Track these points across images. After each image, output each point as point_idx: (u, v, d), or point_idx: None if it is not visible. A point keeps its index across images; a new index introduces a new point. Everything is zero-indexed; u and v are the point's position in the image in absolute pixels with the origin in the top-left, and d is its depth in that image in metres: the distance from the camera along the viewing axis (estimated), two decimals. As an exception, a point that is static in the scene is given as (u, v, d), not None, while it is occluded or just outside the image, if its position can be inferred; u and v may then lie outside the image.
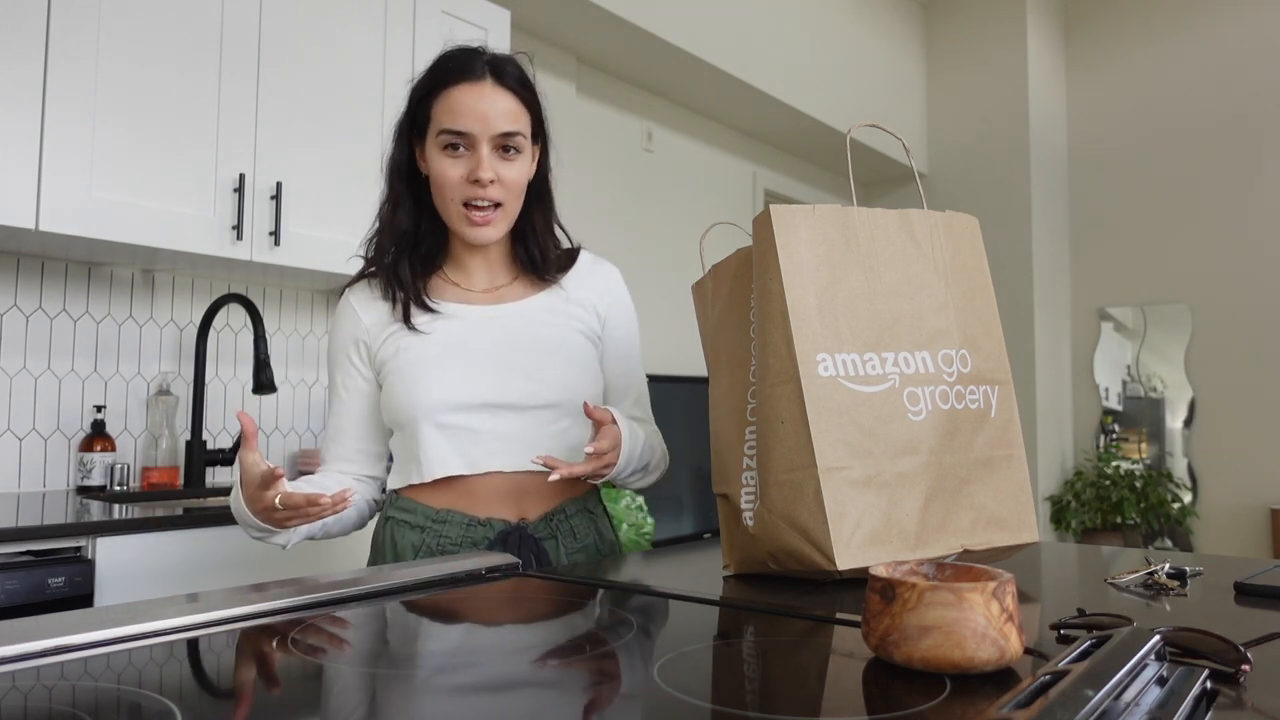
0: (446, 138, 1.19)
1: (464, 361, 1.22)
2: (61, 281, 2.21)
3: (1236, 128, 4.63)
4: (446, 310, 1.25)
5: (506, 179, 1.20)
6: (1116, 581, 0.99)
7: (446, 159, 1.19)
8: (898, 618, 0.63)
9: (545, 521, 1.24)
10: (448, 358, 1.22)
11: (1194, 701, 0.55)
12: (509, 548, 1.20)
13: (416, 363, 1.22)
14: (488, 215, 1.20)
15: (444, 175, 1.19)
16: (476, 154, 1.18)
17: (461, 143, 1.19)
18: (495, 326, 1.25)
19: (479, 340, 1.24)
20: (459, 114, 1.18)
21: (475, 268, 1.30)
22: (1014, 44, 4.85)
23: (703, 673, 0.67)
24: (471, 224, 1.21)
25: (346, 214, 2.35)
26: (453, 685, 0.63)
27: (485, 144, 1.18)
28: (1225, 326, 4.65)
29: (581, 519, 1.28)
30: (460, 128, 1.18)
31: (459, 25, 2.63)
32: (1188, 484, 4.73)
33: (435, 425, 1.20)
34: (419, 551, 1.21)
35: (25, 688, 0.61)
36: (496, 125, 1.18)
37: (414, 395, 1.20)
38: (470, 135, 1.18)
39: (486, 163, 1.18)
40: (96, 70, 1.91)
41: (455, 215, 1.22)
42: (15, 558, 1.57)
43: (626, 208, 3.75)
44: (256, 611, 0.81)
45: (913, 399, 0.96)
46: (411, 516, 1.23)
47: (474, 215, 1.20)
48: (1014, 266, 4.77)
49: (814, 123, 4.26)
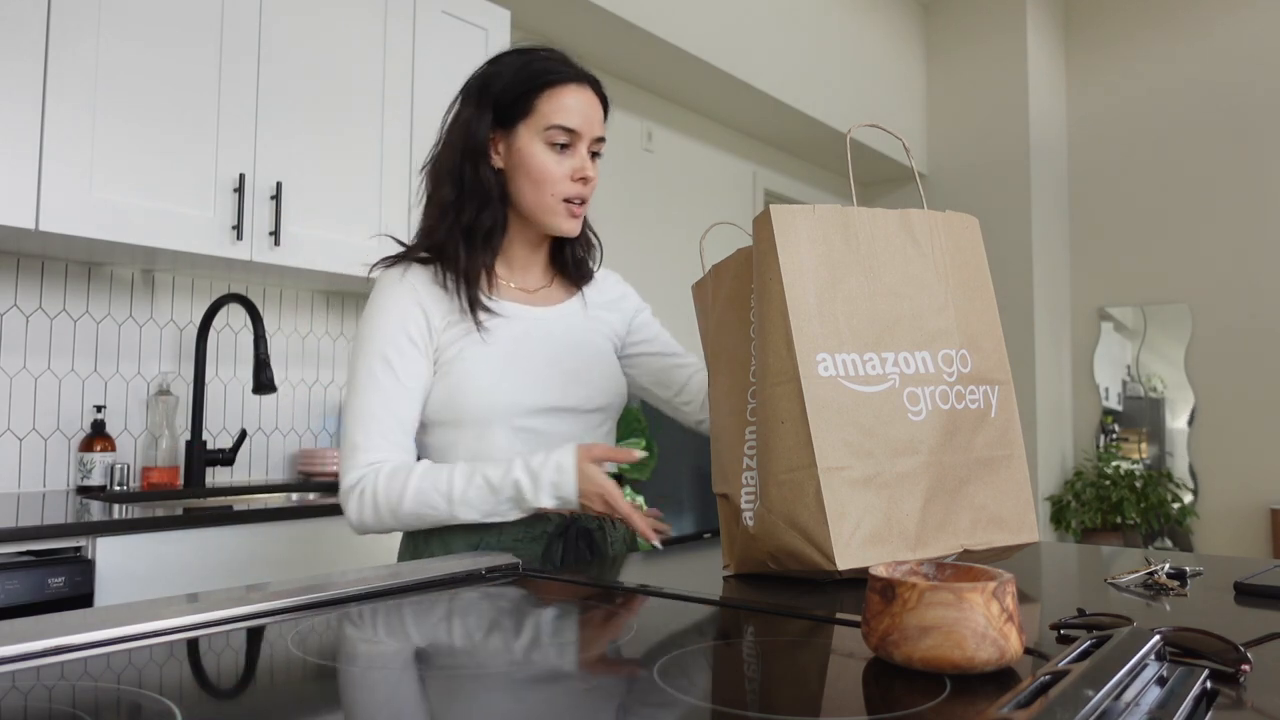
0: (556, 133, 1.22)
1: (531, 364, 1.24)
2: (61, 281, 2.21)
3: (1237, 127, 4.63)
4: (506, 310, 1.26)
5: (594, 181, 1.27)
6: (1116, 581, 0.99)
7: (552, 154, 1.23)
8: (898, 618, 0.63)
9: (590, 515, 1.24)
10: (518, 360, 1.23)
11: (1194, 701, 0.55)
12: (567, 541, 1.22)
13: (487, 361, 1.21)
14: (581, 210, 1.27)
15: (547, 169, 1.23)
16: (578, 153, 1.23)
17: (570, 140, 1.23)
18: (549, 329, 1.28)
19: (539, 343, 1.26)
20: (572, 112, 1.22)
21: (529, 267, 1.32)
22: (1014, 44, 4.85)
23: (703, 673, 0.67)
24: (571, 216, 1.26)
25: (346, 214, 2.35)
26: (452, 685, 0.63)
27: (585, 145, 1.24)
28: (1225, 326, 4.65)
29: None
30: (573, 125, 1.22)
31: (459, 25, 2.63)
32: (1188, 484, 4.73)
33: (510, 428, 1.21)
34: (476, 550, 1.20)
35: (25, 688, 0.61)
36: (596, 130, 1.25)
37: (491, 396, 1.20)
38: (579, 134, 1.23)
39: (589, 162, 1.25)
40: (96, 70, 1.91)
41: (550, 208, 1.24)
42: (15, 558, 1.57)
43: (626, 207, 3.75)
44: (256, 611, 0.81)
45: (913, 399, 0.96)
46: None
47: (574, 209, 1.25)
48: (1014, 266, 4.77)
49: (814, 123, 4.26)
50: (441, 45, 2.57)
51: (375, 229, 2.39)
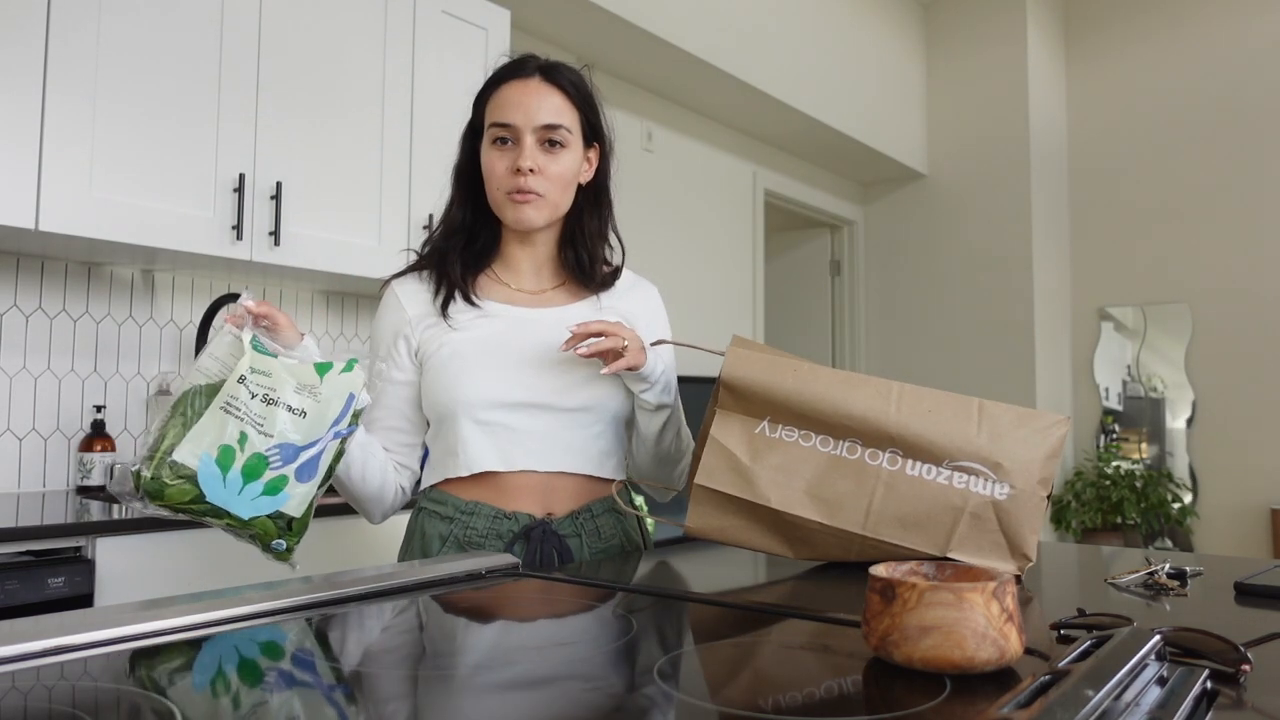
0: (494, 131, 1.24)
1: (504, 360, 1.25)
2: (61, 281, 2.21)
3: (1237, 127, 4.63)
4: (489, 309, 1.29)
5: (548, 171, 1.24)
6: (1116, 581, 0.99)
7: (494, 152, 1.24)
8: (898, 618, 0.63)
9: (571, 519, 1.25)
10: (489, 355, 1.25)
11: (1194, 701, 0.55)
12: (532, 542, 1.22)
13: (457, 357, 1.24)
14: (528, 196, 1.24)
15: (490, 167, 1.25)
16: (521, 146, 1.23)
17: (508, 135, 1.23)
18: (535, 329, 1.29)
19: (519, 340, 1.27)
20: (504, 107, 1.24)
21: (524, 267, 1.33)
22: (1014, 44, 4.85)
23: (703, 673, 0.67)
24: (514, 204, 1.24)
25: (346, 214, 2.35)
26: (451, 685, 0.63)
27: (529, 135, 1.23)
28: (1225, 326, 4.65)
29: (609, 519, 1.29)
30: (504, 120, 1.23)
31: (459, 25, 2.62)
32: (1188, 484, 4.73)
33: (474, 421, 1.23)
34: (446, 541, 1.24)
35: (25, 688, 0.61)
36: (539, 118, 1.23)
37: (455, 390, 1.23)
38: (514, 127, 1.23)
39: (527, 152, 1.22)
40: (96, 71, 1.91)
41: (499, 202, 1.26)
42: (15, 558, 1.57)
43: (626, 207, 3.74)
44: (257, 611, 0.81)
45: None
46: (442, 508, 1.26)
47: (515, 198, 1.24)
48: (1014, 266, 4.77)
49: (814, 123, 4.26)
50: (441, 45, 2.57)
51: (375, 229, 2.39)
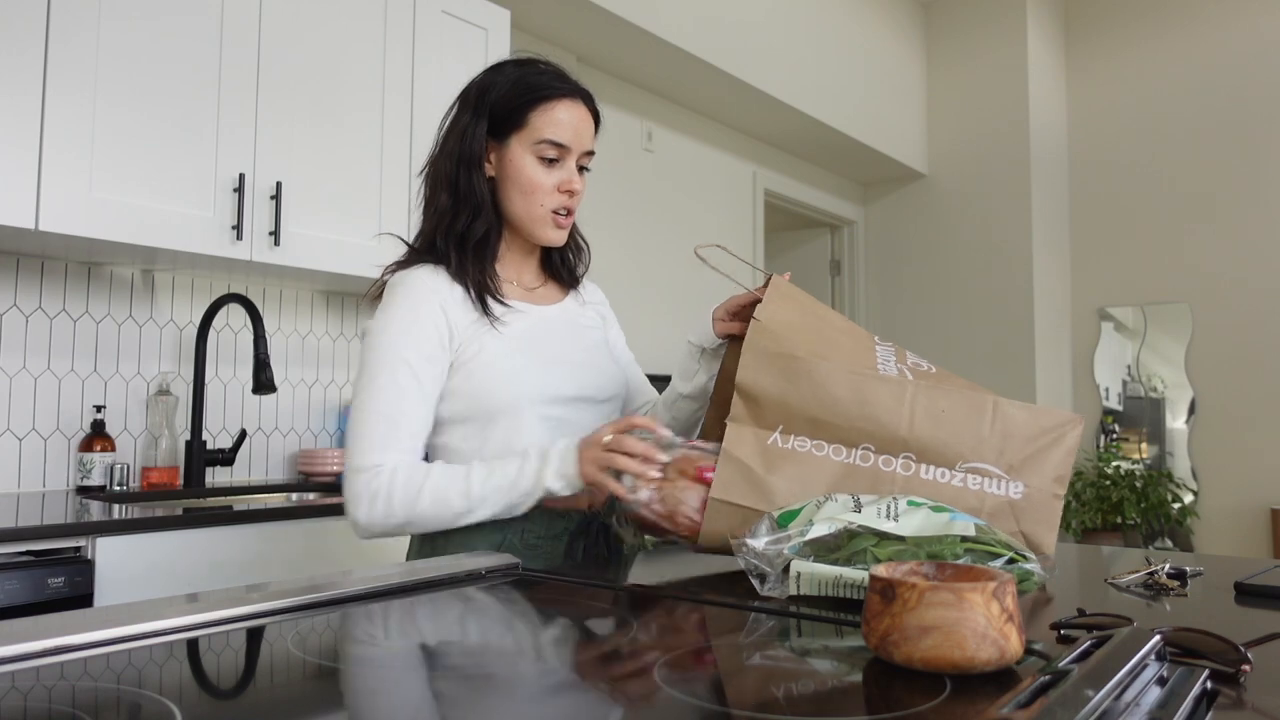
0: (546, 147, 1.25)
1: (550, 355, 1.27)
2: (61, 281, 2.21)
3: (1237, 127, 4.63)
4: (517, 307, 1.30)
5: (580, 193, 1.31)
6: (1116, 581, 0.99)
7: (541, 166, 1.26)
8: (898, 618, 0.63)
9: (608, 507, 1.24)
10: (536, 351, 1.26)
11: (1194, 701, 0.55)
12: (589, 537, 1.23)
13: (509, 353, 1.23)
14: (568, 220, 1.31)
15: (536, 181, 1.26)
16: (567, 166, 1.27)
17: (559, 155, 1.26)
18: (558, 324, 1.32)
19: (553, 335, 1.30)
20: (563, 127, 1.26)
21: (525, 269, 1.36)
22: (1014, 44, 4.85)
23: (703, 673, 0.67)
24: (557, 227, 1.30)
25: (346, 214, 2.35)
26: (451, 685, 0.63)
27: (574, 159, 1.28)
28: (1225, 326, 4.65)
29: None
30: (563, 140, 1.25)
31: (459, 25, 2.62)
32: (1188, 484, 4.73)
33: (539, 416, 1.23)
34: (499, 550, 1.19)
35: (25, 688, 0.61)
36: (586, 144, 1.29)
37: (519, 385, 1.22)
38: (568, 148, 1.26)
39: (578, 176, 1.29)
40: (96, 71, 1.91)
41: (539, 218, 1.28)
42: (15, 558, 1.57)
43: (626, 207, 3.75)
44: (256, 611, 0.81)
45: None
46: None
47: (560, 220, 1.29)
48: (1014, 266, 4.77)
49: (814, 123, 4.26)
50: (441, 45, 2.57)
51: (375, 229, 2.39)
